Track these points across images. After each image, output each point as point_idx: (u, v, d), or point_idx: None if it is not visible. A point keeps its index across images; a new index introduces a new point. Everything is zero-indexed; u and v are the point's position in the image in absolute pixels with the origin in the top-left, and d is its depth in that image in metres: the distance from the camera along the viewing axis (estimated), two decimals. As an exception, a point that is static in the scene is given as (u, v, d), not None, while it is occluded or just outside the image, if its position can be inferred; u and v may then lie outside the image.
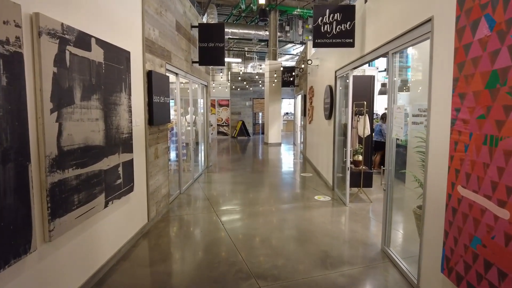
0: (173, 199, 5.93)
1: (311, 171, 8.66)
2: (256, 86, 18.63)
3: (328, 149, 7.09)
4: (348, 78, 5.50)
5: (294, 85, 13.49)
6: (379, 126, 8.24)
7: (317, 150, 8.56)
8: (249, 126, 18.71)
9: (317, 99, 8.66)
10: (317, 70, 8.72)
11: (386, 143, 3.98)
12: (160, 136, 5.04)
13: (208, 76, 9.06)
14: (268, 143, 14.57)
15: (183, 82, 7.45)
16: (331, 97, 6.56)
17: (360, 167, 5.93)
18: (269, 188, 6.98)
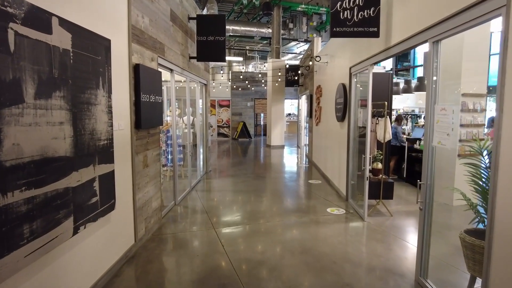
0: (167, 212, 5.23)
1: (319, 178, 7.96)
2: (258, 86, 17.94)
3: (340, 154, 6.38)
4: (365, 75, 4.81)
5: (298, 85, 12.79)
6: (394, 129, 7.53)
7: (326, 155, 7.86)
8: (250, 128, 18.01)
9: (326, 99, 7.96)
10: (326, 67, 8.02)
11: (424, 152, 3.30)
12: (151, 141, 4.34)
13: (207, 75, 8.36)
14: (271, 146, 13.87)
15: (182, 81, 6.76)
16: (344, 97, 5.86)
17: (379, 176, 5.23)
18: (274, 198, 6.27)
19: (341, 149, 6.31)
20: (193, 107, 7.95)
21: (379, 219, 5.05)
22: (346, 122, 5.93)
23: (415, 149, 7.20)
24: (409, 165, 7.32)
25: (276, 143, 13.93)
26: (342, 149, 6.17)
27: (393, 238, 4.33)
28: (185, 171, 7.44)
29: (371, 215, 5.11)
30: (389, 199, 5.28)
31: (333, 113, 6.89)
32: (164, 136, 7.06)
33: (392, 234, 4.44)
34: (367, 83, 5.44)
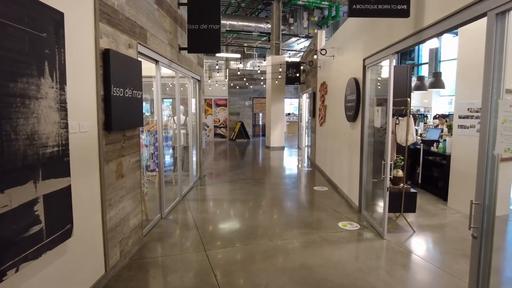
0: (152, 227, 4.46)
1: (324, 183, 7.19)
2: (256, 85, 17.18)
3: (351, 158, 5.62)
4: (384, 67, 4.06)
5: (299, 82, 12.03)
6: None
7: (332, 158, 7.10)
8: (248, 128, 17.24)
9: (333, 97, 7.20)
10: (332, 62, 7.26)
11: (479, 162, 2.55)
12: (127, 146, 3.56)
13: (201, 70, 7.58)
14: (270, 147, 13.10)
15: (173, 76, 5.98)
16: (357, 93, 5.10)
17: (400, 185, 4.47)
18: (275, 209, 5.50)
19: (352, 153, 5.54)
20: (186, 105, 7.17)
21: (400, 235, 4.29)
22: (358, 122, 5.17)
23: (432, 152, 6.45)
24: (424, 170, 6.57)
25: (276, 144, 13.17)
26: (354, 152, 5.41)
27: (423, 264, 3.57)
28: (176, 176, 6.67)
29: (390, 230, 4.35)
30: (411, 212, 4.51)
31: (341, 112, 6.12)
32: (153, 138, 6.30)
33: (421, 258, 3.68)
34: (382, 77, 4.69)
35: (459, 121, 5.27)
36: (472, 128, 5.06)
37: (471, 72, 5.07)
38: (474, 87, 5.05)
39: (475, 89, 5.03)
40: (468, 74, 5.11)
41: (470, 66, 5.07)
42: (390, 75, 3.94)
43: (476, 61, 5.00)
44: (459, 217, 5.03)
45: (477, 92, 5.37)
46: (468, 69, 5.11)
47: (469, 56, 5.09)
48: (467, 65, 5.13)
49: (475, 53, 4.99)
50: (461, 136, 5.26)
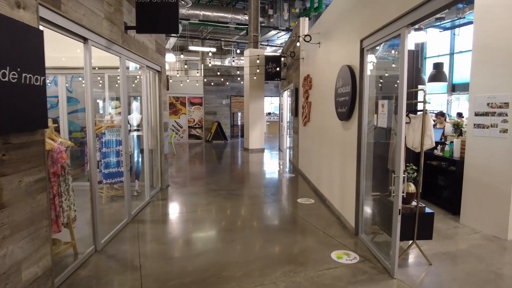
0: (76, 269, 3.20)
1: (310, 194, 6.10)
2: (234, 82, 15.99)
3: (344, 166, 4.53)
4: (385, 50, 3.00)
5: (280, 78, 10.93)
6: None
7: (320, 164, 6.01)
8: (226, 128, 16.02)
9: (319, 92, 6.12)
10: (317, 50, 6.18)
11: None
12: (15, 159, 2.30)
13: (161, 59, 6.33)
14: (249, 149, 11.94)
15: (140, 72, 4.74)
16: (352, 85, 4.01)
17: (411, 204, 3.40)
18: (251, 234, 4.34)
19: (346, 159, 4.46)
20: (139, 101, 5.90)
21: (414, 271, 3.22)
22: (354, 120, 4.08)
23: (435, 156, 5.46)
24: (426, 177, 5.56)
25: (255, 146, 12.02)
26: (348, 159, 4.32)
27: (456, 321, 2.49)
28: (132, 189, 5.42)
29: (399, 262, 3.28)
30: (427, 239, 3.44)
31: (331, 109, 5.04)
32: (98, 142, 5.04)
33: (451, 311, 2.61)
34: (388, 61, 3.65)
35: (476, 119, 4.27)
36: (493, 127, 4.06)
37: (492, 58, 4.07)
38: (495, 76, 4.05)
39: (496, 79, 4.04)
40: (488, 61, 4.11)
41: (491, 50, 4.07)
42: (403, 55, 2.86)
43: (499, 43, 4.00)
44: (479, 239, 4.02)
45: (500, 82, 4.11)
46: (488, 54, 4.11)
47: (490, 36, 4.09)
48: (487, 49, 4.13)
49: (498, 33, 3.99)
50: (478, 138, 4.27)
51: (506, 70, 3.93)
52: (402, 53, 2.87)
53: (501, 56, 3.97)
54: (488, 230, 4.19)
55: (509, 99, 3.89)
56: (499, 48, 3.98)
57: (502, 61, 3.97)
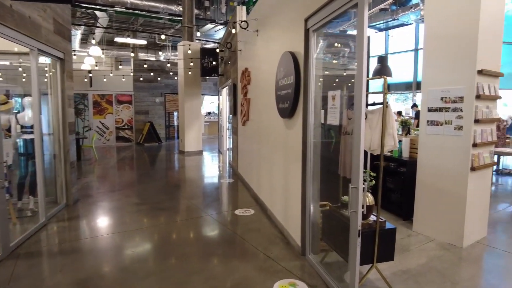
0: None
1: (250, 203, 5.34)
2: (169, 78, 14.72)
3: (288, 172, 3.83)
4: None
5: (217, 74, 10.06)
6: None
7: (261, 169, 5.27)
8: (160, 129, 14.67)
9: (258, 86, 5.39)
10: (256, 40, 5.44)
11: None
12: None
13: (65, 44, 5.07)
14: (185, 152, 10.87)
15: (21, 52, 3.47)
16: (296, 74, 3.31)
17: (369, 219, 2.78)
18: (174, 264, 3.42)
19: (289, 163, 3.75)
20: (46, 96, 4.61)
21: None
22: (298, 118, 3.39)
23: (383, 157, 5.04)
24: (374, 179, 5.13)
25: (192, 148, 10.99)
26: (292, 164, 3.62)
27: None
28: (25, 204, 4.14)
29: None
30: (388, 261, 2.85)
31: (271, 105, 4.32)
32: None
33: None
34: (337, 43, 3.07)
35: (429, 115, 3.86)
36: (448, 124, 3.66)
37: (446, 48, 3.67)
38: (450, 68, 3.65)
39: (451, 71, 3.64)
40: (442, 51, 3.71)
41: (444, 39, 3.67)
42: (362, 30, 2.19)
43: (454, 30, 3.60)
44: (435, 249, 3.59)
45: (454, 75, 3.50)
46: (442, 43, 3.70)
47: (442, 27, 3.69)
48: (439, 40, 3.73)
49: (452, 18, 3.60)
50: (431, 136, 3.86)
51: (459, 62, 3.55)
52: (360, 26, 2.20)
53: (454, 48, 3.59)
54: (443, 238, 3.80)
55: (464, 93, 3.50)
56: (452, 40, 3.59)
57: (455, 53, 3.59)
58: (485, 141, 3.62)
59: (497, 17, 3.61)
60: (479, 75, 3.46)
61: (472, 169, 3.53)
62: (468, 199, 3.57)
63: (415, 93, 13.93)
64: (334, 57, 4.40)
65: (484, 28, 3.43)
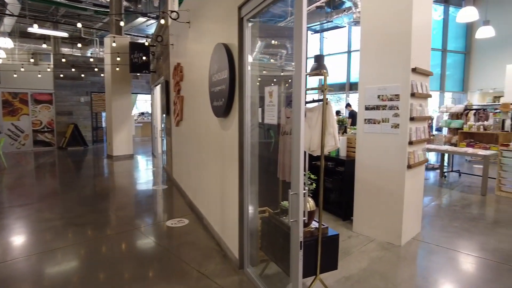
0: None
1: (185, 211, 4.89)
2: (96, 76, 13.43)
3: (224, 177, 3.48)
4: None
5: (149, 71, 9.33)
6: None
7: (196, 174, 4.84)
8: (86, 131, 13.31)
9: (191, 83, 4.95)
10: (188, 32, 5.00)
11: None
12: None
13: None
14: (114, 156, 9.92)
15: None
16: (230, 68, 2.97)
17: (310, 226, 2.54)
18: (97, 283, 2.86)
19: (226, 167, 3.40)
20: None
21: (319, 319, 2.37)
22: (234, 117, 3.06)
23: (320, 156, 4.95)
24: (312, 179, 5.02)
25: (122, 152, 10.07)
26: (229, 166, 3.27)
27: None
28: None
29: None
30: (332, 270, 2.64)
31: (206, 104, 3.93)
32: None
33: None
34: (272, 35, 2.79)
35: (366, 113, 3.80)
36: (385, 122, 3.63)
37: (382, 46, 3.63)
38: (386, 66, 3.62)
39: (387, 69, 3.61)
40: (378, 49, 3.67)
41: (381, 38, 3.63)
42: (300, 16, 1.92)
43: (389, 30, 3.57)
44: (376, 250, 3.52)
45: (391, 72, 3.39)
46: (378, 42, 3.66)
47: (379, 23, 3.64)
48: (377, 36, 3.68)
49: (387, 18, 3.57)
50: (369, 135, 3.80)
51: (395, 60, 3.53)
52: (298, 11, 1.93)
53: (390, 47, 3.57)
54: (382, 237, 3.77)
55: (400, 91, 3.49)
56: (387, 39, 3.57)
57: (391, 51, 3.56)
58: (419, 138, 3.65)
59: (426, 20, 3.68)
60: (413, 73, 3.47)
61: (409, 167, 3.53)
62: (406, 197, 3.57)
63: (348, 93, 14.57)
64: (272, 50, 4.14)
65: (416, 29, 3.45)
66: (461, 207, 5.10)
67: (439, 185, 6.66)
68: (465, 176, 7.35)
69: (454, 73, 13.68)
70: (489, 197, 5.65)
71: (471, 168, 8.39)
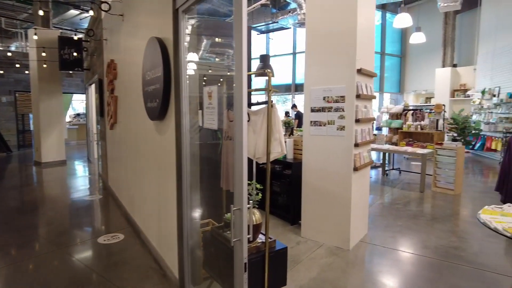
0: None
1: (121, 224, 4.40)
2: (21, 73, 12.01)
3: (161, 187, 3.12)
4: None
5: (82, 68, 8.49)
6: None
7: (133, 181, 4.38)
8: (10, 135, 11.83)
9: (125, 82, 4.48)
10: (121, 26, 4.51)
11: None
12: None
13: None
14: (42, 163, 8.88)
15: None
16: (165, 65, 2.63)
17: (256, 242, 2.31)
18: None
19: (163, 175, 3.05)
20: None
21: None
22: (170, 120, 2.72)
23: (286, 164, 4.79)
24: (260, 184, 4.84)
25: (52, 158, 9.06)
26: (167, 175, 2.92)
27: None
28: None
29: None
30: (282, 286, 2.43)
31: (140, 105, 3.52)
32: None
33: None
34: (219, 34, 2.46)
35: (312, 115, 3.68)
36: (331, 125, 3.53)
37: (328, 47, 3.53)
38: (331, 66, 3.53)
39: (333, 70, 3.52)
40: (323, 50, 3.56)
41: (326, 38, 3.53)
42: (240, 5, 1.67)
43: (335, 30, 3.48)
44: (325, 256, 3.41)
45: (337, 73, 3.23)
46: (324, 43, 3.56)
47: (324, 23, 3.54)
48: (322, 37, 3.57)
49: (332, 19, 3.47)
50: (315, 137, 3.69)
51: (340, 61, 3.45)
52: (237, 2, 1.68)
53: (335, 47, 3.48)
54: (331, 242, 3.68)
55: (345, 92, 3.41)
56: (333, 39, 3.48)
57: (336, 52, 3.48)
58: (364, 140, 3.62)
59: (369, 22, 3.67)
60: (359, 74, 3.42)
61: (355, 169, 3.47)
62: (353, 200, 3.51)
63: (294, 94, 14.76)
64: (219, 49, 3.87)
65: (360, 31, 3.40)
66: (403, 204, 5.26)
67: (381, 183, 6.87)
68: (404, 174, 7.71)
69: (391, 75, 14.53)
70: (426, 193, 5.93)
71: (410, 166, 8.87)
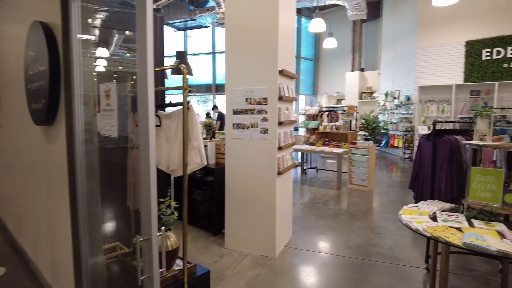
0: None
1: (4, 253, 3.57)
2: None
3: (55, 204, 2.54)
4: None
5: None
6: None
7: (20, 200, 3.58)
8: None
9: (6, 78, 3.65)
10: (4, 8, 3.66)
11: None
12: None
13: None
14: None
15: None
16: (51, 58, 2.10)
17: (173, 268, 1.96)
18: None
19: (55, 193, 2.48)
20: None
21: None
22: (60, 124, 2.20)
23: (188, 165, 4.42)
24: (179, 193, 4.44)
25: None
26: (59, 193, 2.37)
27: None
28: None
29: None
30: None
31: (23, 107, 2.84)
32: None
33: None
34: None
35: (235, 117, 3.44)
36: (254, 127, 3.34)
37: (249, 46, 3.33)
38: (253, 67, 3.34)
39: (255, 71, 3.33)
40: (245, 49, 3.35)
41: (247, 37, 3.32)
42: None
43: (256, 29, 3.30)
44: (251, 267, 3.21)
45: (259, 74, 3.00)
46: (245, 41, 3.34)
47: (244, 21, 3.32)
48: (243, 36, 3.36)
49: (253, 17, 3.28)
50: (238, 141, 3.46)
51: (262, 62, 3.28)
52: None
53: (257, 47, 3.30)
54: (256, 251, 3.49)
55: (268, 93, 3.25)
56: (254, 38, 3.29)
57: (258, 52, 3.30)
58: (287, 143, 3.52)
59: (290, 24, 3.59)
60: (280, 75, 3.29)
61: (279, 173, 3.34)
62: (277, 205, 3.38)
63: (215, 95, 14.46)
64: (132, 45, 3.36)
65: (282, 31, 3.28)
66: (323, 203, 5.38)
67: (301, 182, 7.02)
68: (321, 172, 8.04)
69: (306, 78, 15.25)
70: (343, 190, 6.21)
71: (325, 164, 9.32)
